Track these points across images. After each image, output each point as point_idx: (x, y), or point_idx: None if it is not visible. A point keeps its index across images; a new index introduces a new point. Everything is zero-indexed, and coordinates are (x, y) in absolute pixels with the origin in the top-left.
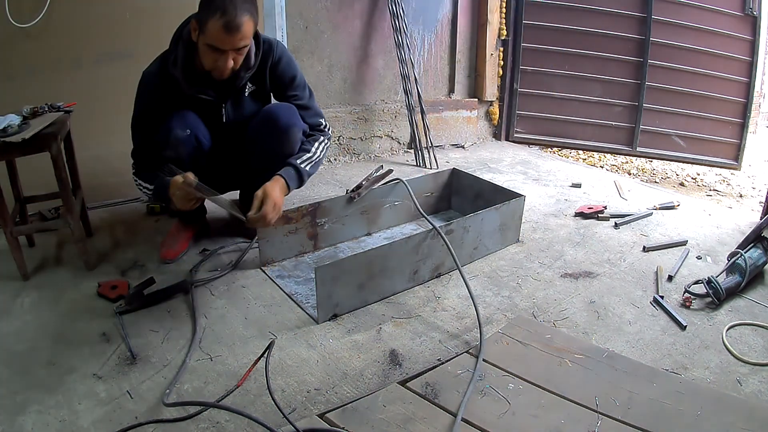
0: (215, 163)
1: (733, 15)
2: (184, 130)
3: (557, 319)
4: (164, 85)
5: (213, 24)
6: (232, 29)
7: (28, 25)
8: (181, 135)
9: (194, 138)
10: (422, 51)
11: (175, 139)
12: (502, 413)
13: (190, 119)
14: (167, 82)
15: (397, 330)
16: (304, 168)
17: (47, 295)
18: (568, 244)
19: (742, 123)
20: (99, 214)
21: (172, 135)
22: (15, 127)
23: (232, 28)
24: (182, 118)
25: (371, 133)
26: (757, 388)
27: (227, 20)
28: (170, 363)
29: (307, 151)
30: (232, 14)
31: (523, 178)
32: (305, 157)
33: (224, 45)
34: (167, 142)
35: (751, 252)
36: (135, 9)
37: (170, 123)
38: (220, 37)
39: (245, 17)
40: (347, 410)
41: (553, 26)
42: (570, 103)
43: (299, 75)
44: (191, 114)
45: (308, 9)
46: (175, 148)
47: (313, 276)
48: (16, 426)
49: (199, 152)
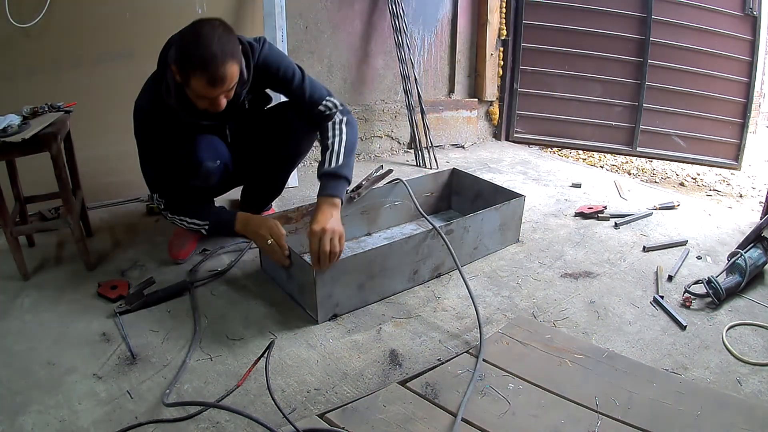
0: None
1: (733, 15)
2: (214, 161)
3: (557, 319)
4: (163, 117)
5: (196, 80)
6: (218, 82)
7: (28, 25)
8: (212, 167)
9: (224, 166)
10: (422, 51)
11: (206, 172)
12: (502, 413)
13: (218, 147)
14: (164, 112)
15: (397, 330)
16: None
17: (47, 295)
18: (568, 244)
19: (742, 123)
20: (99, 214)
21: (203, 168)
22: (15, 127)
23: (217, 81)
24: (209, 146)
25: (371, 133)
26: (757, 388)
27: (210, 75)
28: (170, 363)
29: (326, 149)
30: (214, 67)
31: (523, 178)
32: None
33: (213, 94)
34: (197, 174)
35: (751, 252)
36: (135, 9)
37: (199, 154)
38: (206, 91)
39: (228, 64)
40: (347, 410)
41: (553, 26)
42: (570, 103)
43: (282, 64)
44: (215, 140)
45: (308, 9)
46: (206, 179)
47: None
48: (16, 426)
49: (226, 178)
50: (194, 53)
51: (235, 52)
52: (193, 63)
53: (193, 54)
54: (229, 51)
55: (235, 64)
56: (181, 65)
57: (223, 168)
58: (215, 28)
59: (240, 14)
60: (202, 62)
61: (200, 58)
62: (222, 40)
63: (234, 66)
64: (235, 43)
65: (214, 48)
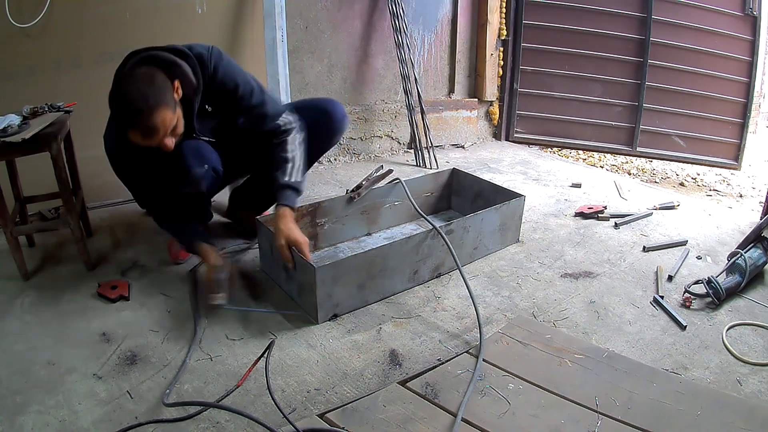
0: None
1: (733, 15)
2: (201, 166)
3: (557, 319)
4: (132, 149)
5: (133, 135)
6: (152, 132)
7: (28, 25)
8: (201, 172)
9: (212, 170)
10: (422, 51)
11: (195, 178)
12: (502, 413)
13: (203, 151)
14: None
15: (397, 330)
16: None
17: (47, 295)
18: (568, 244)
19: (742, 123)
20: (99, 214)
21: (192, 175)
22: (15, 127)
23: (150, 132)
24: (194, 152)
25: (371, 133)
26: (757, 388)
27: (143, 129)
28: (170, 363)
29: (287, 161)
30: (142, 122)
31: (523, 178)
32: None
33: (154, 143)
34: (186, 182)
35: (751, 252)
36: (135, 9)
37: (185, 162)
38: (146, 142)
39: (155, 114)
40: (347, 410)
41: (553, 26)
42: (570, 103)
43: (241, 78)
44: (200, 144)
45: (308, 9)
46: (196, 186)
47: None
48: (16, 426)
49: (216, 181)
50: (121, 113)
51: (159, 99)
52: (123, 122)
53: (121, 113)
54: (153, 102)
55: (164, 110)
56: (116, 124)
57: (212, 172)
58: (137, 81)
59: (240, 14)
60: (130, 120)
61: (127, 116)
62: (144, 91)
63: (163, 112)
64: (160, 88)
65: (139, 103)
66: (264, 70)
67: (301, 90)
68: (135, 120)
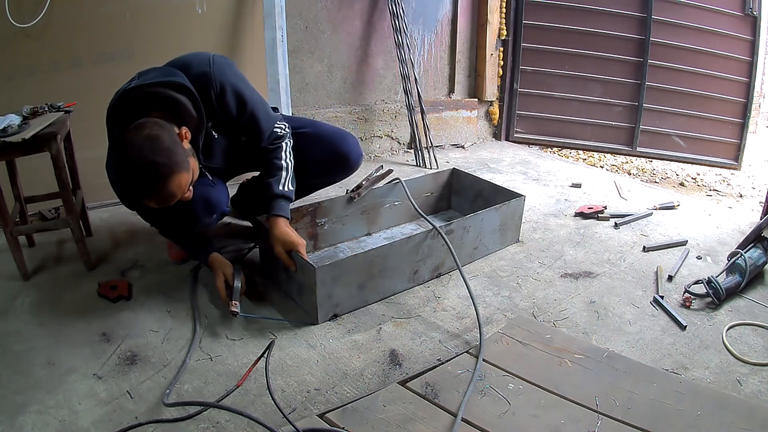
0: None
1: (733, 15)
2: (210, 216)
3: (557, 319)
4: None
5: (146, 202)
6: (168, 200)
7: (28, 25)
8: (209, 221)
9: (219, 215)
10: (422, 51)
11: (203, 226)
12: (502, 413)
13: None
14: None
15: (397, 330)
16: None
17: (47, 295)
18: (568, 244)
19: (742, 123)
20: (99, 214)
21: (200, 224)
22: (15, 127)
23: (167, 200)
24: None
25: (371, 133)
26: (757, 388)
27: (158, 200)
28: (170, 363)
29: (280, 169)
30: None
31: (523, 178)
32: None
33: (170, 204)
34: (195, 226)
35: (751, 252)
36: (135, 9)
37: (196, 211)
38: (163, 206)
39: (171, 181)
40: (347, 410)
41: (553, 26)
42: (570, 103)
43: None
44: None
45: (308, 9)
46: (204, 228)
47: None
48: (16, 426)
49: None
50: (131, 186)
51: (171, 166)
52: (137, 195)
53: (131, 187)
54: (165, 171)
55: (178, 176)
56: (129, 194)
57: (219, 216)
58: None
59: (240, 14)
60: (143, 193)
61: (139, 190)
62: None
63: (177, 179)
64: (170, 151)
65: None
66: (264, 70)
67: (301, 90)
68: (149, 193)
